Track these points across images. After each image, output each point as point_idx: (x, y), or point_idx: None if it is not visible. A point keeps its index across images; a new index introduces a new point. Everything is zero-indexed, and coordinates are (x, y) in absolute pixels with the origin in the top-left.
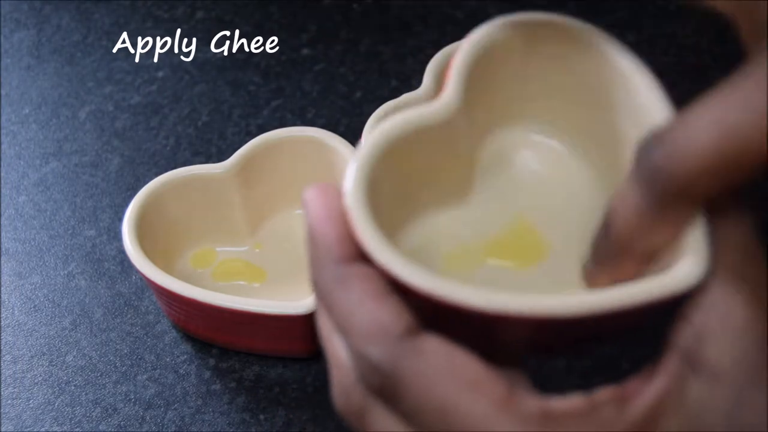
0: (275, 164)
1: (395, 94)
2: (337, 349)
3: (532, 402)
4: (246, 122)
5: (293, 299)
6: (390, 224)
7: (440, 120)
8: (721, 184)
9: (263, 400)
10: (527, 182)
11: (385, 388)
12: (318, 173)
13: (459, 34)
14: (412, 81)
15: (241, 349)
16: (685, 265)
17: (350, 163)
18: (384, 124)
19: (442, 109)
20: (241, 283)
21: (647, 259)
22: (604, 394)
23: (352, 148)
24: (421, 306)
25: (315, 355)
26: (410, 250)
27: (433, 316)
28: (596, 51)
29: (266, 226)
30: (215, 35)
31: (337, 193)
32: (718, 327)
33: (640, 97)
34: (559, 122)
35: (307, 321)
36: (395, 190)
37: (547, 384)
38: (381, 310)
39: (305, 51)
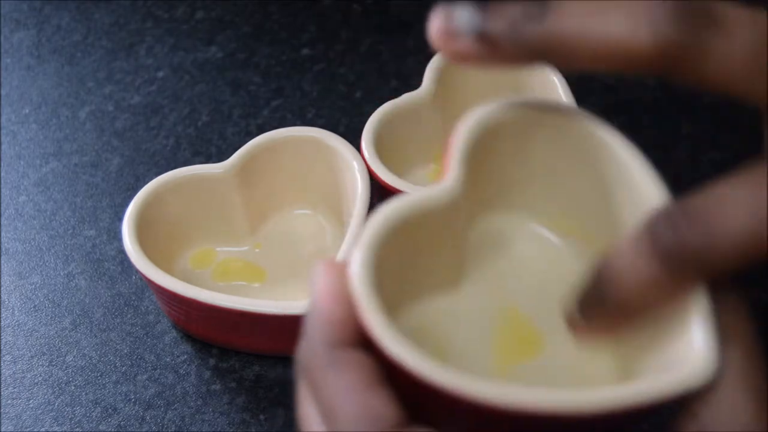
0: (275, 164)
1: (395, 94)
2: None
3: None
4: (246, 122)
5: (293, 299)
6: (388, 306)
7: (443, 203)
8: (747, 264)
9: (263, 400)
10: (519, 271)
11: None
12: (318, 173)
13: None
14: (412, 81)
15: (241, 349)
16: (697, 362)
17: (356, 246)
18: (389, 205)
19: (446, 192)
20: (241, 283)
21: (643, 319)
22: None
23: (352, 148)
24: (415, 396)
25: None
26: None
27: (426, 405)
28: (591, 137)
29: (266, 226)
30: (215, 35)
31: (344, 273)
32: (725, 423)
33: (637, 185)
34: (553, 209)
35: None
36: (395, 273)
37: None
38: (373, 399)
39: (305, 51)
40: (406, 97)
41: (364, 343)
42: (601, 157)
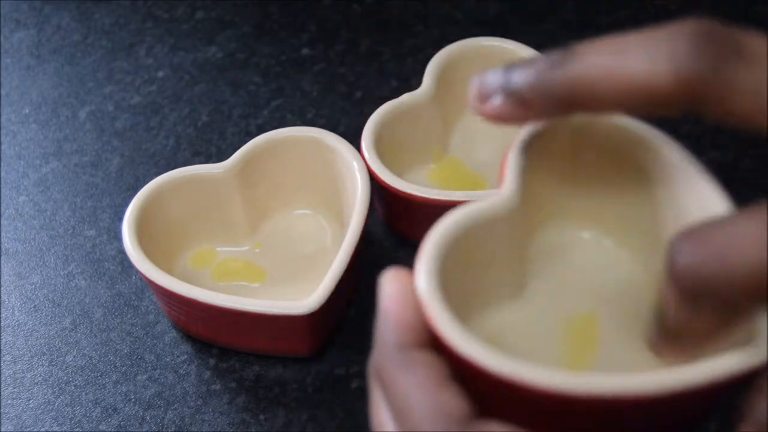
0: (275, 164)
1: (395, 94)
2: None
3: None
4: (246, 122)
5: (293, 299)
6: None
7: (501, 213)
8: (762, 299)
9: (263, 400)
10: (578, 278)
11: None
12: (318, 173)
13: (459, 34)
14: (412, 81)
15: (241, 349)
16: (759, 342)
17: (421, 252)
18: (449, 216)
19: (503, 202)
20: (241, 283)
21: (703, 343)
22: None
23: (352, 148)
24: (487, 392)
25: (315, 355)
26: None
27: (498, 402)
28: (639, 142)
29: (266, 226)
30: (215, 35)
31: (410, 280)
32: None
33: (688, 186)
34: (607, 217)
35: (307, 321)
36: (459, 284)
37: None
38: (443, 395)
39: (305, 51)
40: (406, 97)
41: (433, 345)
42: (649, 161)
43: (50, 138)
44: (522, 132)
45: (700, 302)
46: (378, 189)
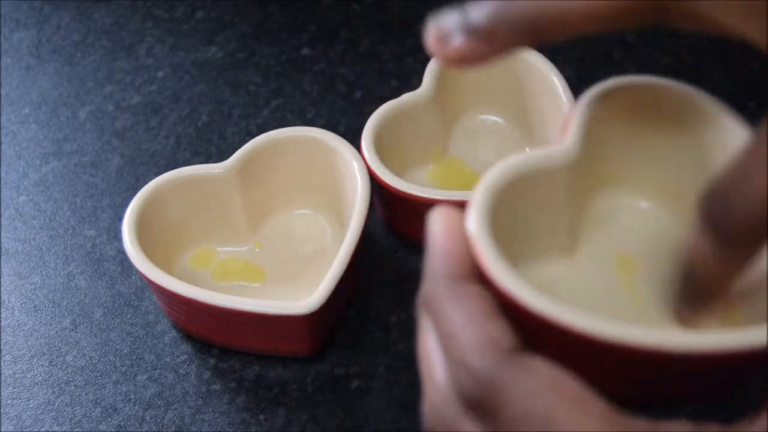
0: (275, 164)
1: (395, 94)
2: (435, 365)
3: (640, 422)
4: (246, 122)
5: (293, 299)
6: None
7: (558, 164)
8: None
9: (263, 400)
10: (631, 244)
11: (484, 401)
12: (318, 173)
13: None
14: (412, 81)
15: (241, 349)
16: None
17: (474, 192)
18: (506, 160)
19: (562, 153)
20: (241, 283)
21: (728, 293)
22: (711, 426)
23: (352, 148)
24: (530, 332)
25: (315, 355)
26: None
27: (541, 342)
28: (705, 115)
29: (266, 226)
30: (215, 35)
31: (461, 217)
32: None
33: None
34: (665, 188)
35: (307, 321)
36: (511, 228)
37: None
38: (491, 326)
39: (305, 51)
40: (406, 97)
41: (480, 280)
42: (708, 130)
43: (50, 138)
44: (587, 93)
45: (737, 248)
46: (378, 189)
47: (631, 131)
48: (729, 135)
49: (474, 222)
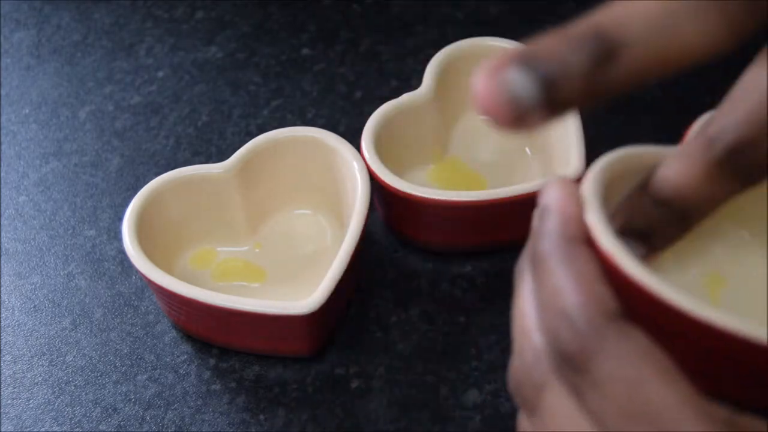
0: (275, 164)
1: (395, 94)
2: (530, 326)
3: (721, 410)
4: (246, 122)
5: (293, 299)
6: None
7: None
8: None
9: (263, 400)
10: (717, 261)
11: (579, 356)
12: (318, 173)
13: (459, 34)
14: (412, 81)
15: (241, 349)
16: None
17: (593, 166)
18: (632, 148)
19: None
20: (241, 283)
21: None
22: None
23: (352, 148)
24: (627, 303)
25: (315, 355)
26: None
27: (635, 315)
28: None
29: (266, 226)
30: (215, 35)
31: (577, 186)
32: None
33: None
34: (744, 213)
35: (307, 321)
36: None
37: None
38: (599, 287)
39: (305, 51)
40: (406, 97)
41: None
42: None
43: (50, 138)
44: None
45: (725, 170)
46: (378, 189)
47: None
48: None
49: (589, 189)
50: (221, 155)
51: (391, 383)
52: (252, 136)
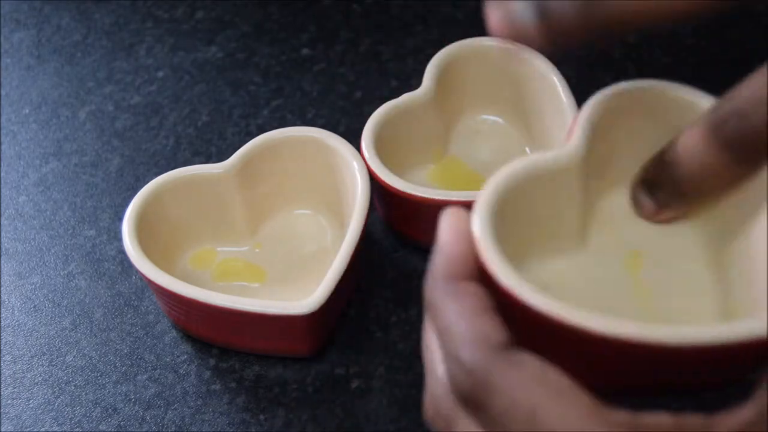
0: (275, 164)
1: (395, 94)
2: (435, 360)
3: (622, 414)
4: (246, 122)
5: (293, 299)
6: (511, 259)
7: (566, 166)
8: None
9: (263, 400)
10: (639, 237)
11: (474, 394)
12: (318, 173)
13: (459, 34)
14: (412, 81)
15: (241, 349)
16: None
17: (480, 194)
18: (513, 164)
19: (567, 155)
20: (241, 283)
21: (704, 201)
22: (692, 417)
23: (352, 148)
24: (526, 326)
25: (315, 355)
26: None
27: (534, 336)
28: (683, 104)
29: (266, 226)
30: (215, 35)
31: (467, 217)
32: None
33: None
34: None
35: (307, 321)
36: (517, 228)
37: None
38: (483, 322)
39: (305, 51)
40: (406, 97)
41: (480, 278)
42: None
43: (50, 138)
44: (591, 98)
45: (740, 154)
46: (378, 189)
47: (637, 131)
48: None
49: (477, 222)
50: (221, 155)
51: (391, 383)
52: (252, 136)
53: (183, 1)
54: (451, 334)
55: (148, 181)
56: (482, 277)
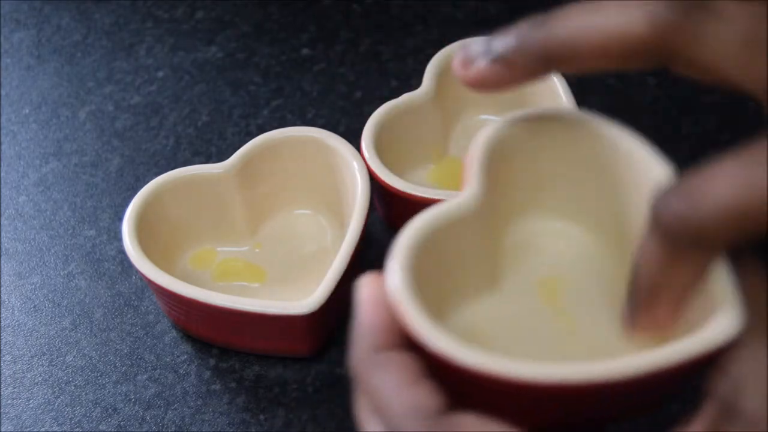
0: (275, 164)
1: (395, 94)
2: (368, 428)
3: None
4: (246, 122)
5: (293, 299)
6: (430, 314)
7: (467, 212)
8: (739, 236)
9: (263, 400)
10: (553, 267)
11: None
12: (318, 173)
13: (459, 34)
14: (412, 81)
15: (241, 349)
16: (723, 319)
17: (390, 258)
18: (418, 217)
19: (467, 202)
20: (241, 283)
21: (678, 303)
22: None
23: (352, 148)
24: (460, 387)
25: (315, 355)
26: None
27: (471, 393)
28: (598, 135)
29: (266, 226)
30: (215, 35)
31: (383, 285)
32: (755, 378)
33: (645, 171)
34: (573, 206)
35: (307, 321)
36: (433, 282)
37: None
38: (417, 392)
39: (305, 51)
40: (406, 97)
41: (405, 344)
42: (609, 152)
43: (50, 138)
44: (481, 134)
45: (683, 248)
46: (378, 189)
47: (536, 158)
48: (624, 149)
49: (394, 283)
50: (221, 155)
51: None
52: (252, 136)
53: (183, 1)
54: (386, 408)
55: (148, 181)
56: (408, 339)
